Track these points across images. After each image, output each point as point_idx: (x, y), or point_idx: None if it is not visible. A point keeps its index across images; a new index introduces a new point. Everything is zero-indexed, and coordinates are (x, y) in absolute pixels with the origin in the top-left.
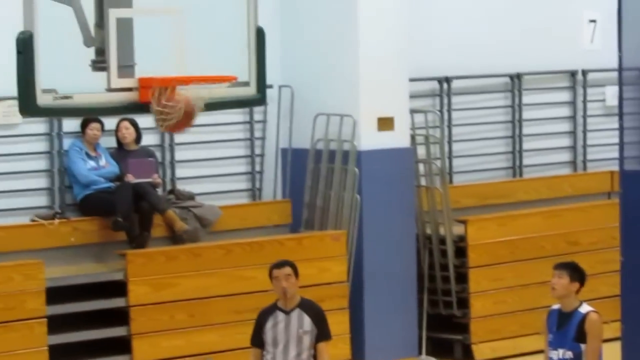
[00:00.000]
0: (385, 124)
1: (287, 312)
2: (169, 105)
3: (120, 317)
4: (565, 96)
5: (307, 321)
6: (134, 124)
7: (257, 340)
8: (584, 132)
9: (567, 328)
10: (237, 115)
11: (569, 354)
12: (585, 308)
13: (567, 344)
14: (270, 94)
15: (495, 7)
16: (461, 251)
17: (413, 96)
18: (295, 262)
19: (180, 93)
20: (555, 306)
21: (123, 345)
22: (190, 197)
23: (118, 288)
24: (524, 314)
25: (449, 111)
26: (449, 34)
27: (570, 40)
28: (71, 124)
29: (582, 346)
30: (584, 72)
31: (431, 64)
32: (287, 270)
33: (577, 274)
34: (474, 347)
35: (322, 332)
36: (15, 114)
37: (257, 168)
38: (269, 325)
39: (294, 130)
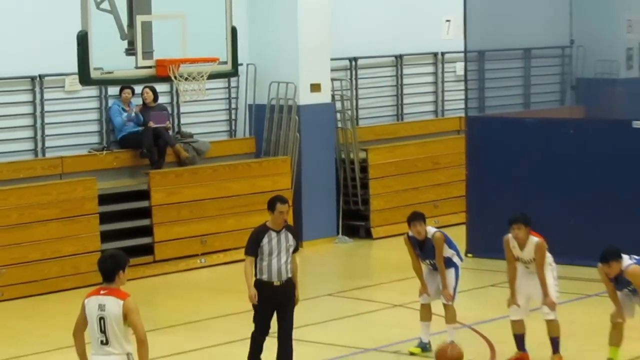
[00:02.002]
0: (315, 87)
1: (277, 232)
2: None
3: (145, 213)
4: (430, 69)
5: (290, 238)
6: (153, 90)
7: (253, 251)
8: (443, 92)
9: (426, 249)
10: (219, 82)
11: (433, 261)
12: (430, 232)
13: (430, 257)
14: (241, 69)
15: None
16: (364, 169)
17: (333, 69)
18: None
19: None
20: (410, 233)
21: (148, 231)
22: (190, 136)
23: (144, 195)
24: (404, 208)
25: (356, 79)
26: (357, 27)
27: (434, 32)
28: (113, 90)
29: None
30: (443, 54)
31: (344, 48)
32: (287, 207)
33: (424, 218)
34: (372, 230)
35: (296, 246)
36: (77, 84)
37: (233, 117)
38: (265, 241)
39: (256, 93)
